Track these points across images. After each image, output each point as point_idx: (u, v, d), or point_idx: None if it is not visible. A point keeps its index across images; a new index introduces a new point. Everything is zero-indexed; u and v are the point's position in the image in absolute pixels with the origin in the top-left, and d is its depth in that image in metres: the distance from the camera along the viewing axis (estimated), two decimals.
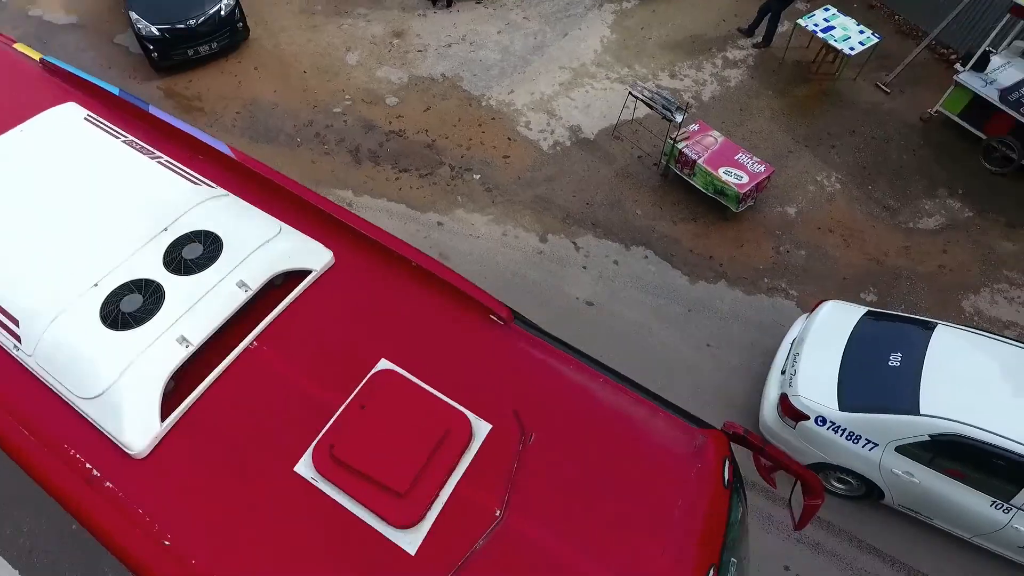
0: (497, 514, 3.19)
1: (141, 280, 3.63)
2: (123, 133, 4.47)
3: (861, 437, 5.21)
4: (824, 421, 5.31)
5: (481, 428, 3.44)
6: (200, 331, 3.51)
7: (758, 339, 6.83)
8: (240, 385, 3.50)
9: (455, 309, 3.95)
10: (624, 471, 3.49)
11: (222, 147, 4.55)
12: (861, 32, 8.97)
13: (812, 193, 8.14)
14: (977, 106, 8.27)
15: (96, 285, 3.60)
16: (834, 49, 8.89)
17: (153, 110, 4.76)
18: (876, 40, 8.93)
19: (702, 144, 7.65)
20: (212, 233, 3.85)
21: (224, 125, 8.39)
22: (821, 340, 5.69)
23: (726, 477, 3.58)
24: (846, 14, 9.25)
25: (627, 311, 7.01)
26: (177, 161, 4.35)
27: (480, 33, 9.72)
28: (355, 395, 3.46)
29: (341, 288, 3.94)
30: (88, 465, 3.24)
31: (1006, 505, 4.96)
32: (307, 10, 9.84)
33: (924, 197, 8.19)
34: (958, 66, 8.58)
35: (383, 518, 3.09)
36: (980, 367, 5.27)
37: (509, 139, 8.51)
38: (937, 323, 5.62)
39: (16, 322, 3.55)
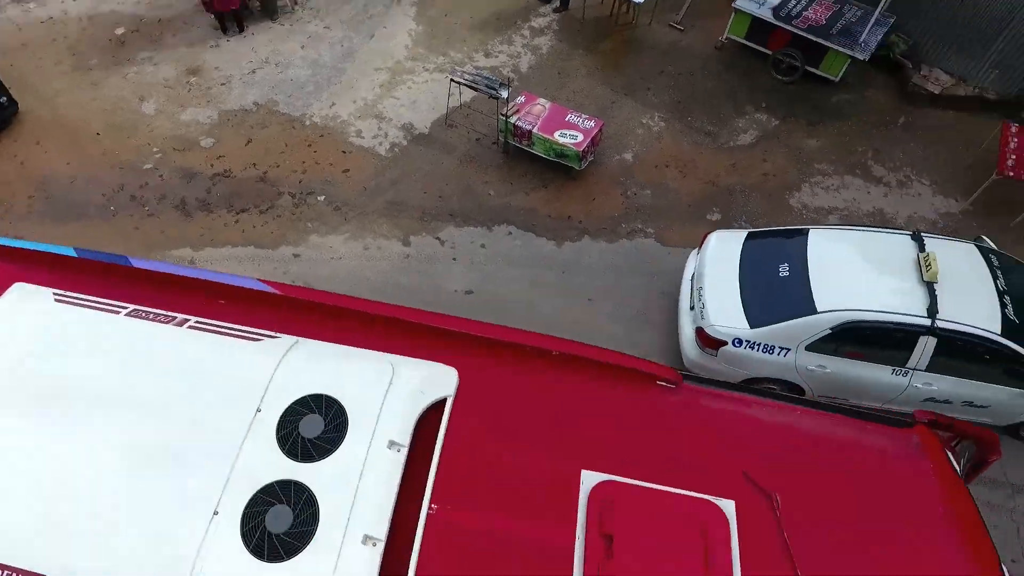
0: None
1: (271, 486, 2.75)
2: (119, 304, 3.38)
3: (774, 346, 5.60)
4: (740, 342, 5.65)
5: (727, 507, 3.02)
6: (381, 520, 2.74)
7: (631, 281, 7.18)
8: (445, 563, 2.77)
9: (619, 387, 3.43)
10: (877, 495, 3.23)
11: (252, 283, 3.62)
12: None
13: (642, 136, 8.63)
14: (757, 27, 9.14)
15: (217, 513, 2.69)
16: (625, 0, 9.42)
17: (137, 262, 3.66)
18: None
19: (532, 113, 7.85)
20: (321, 396, 3.01)
21: (18, 215, 7.40)
22: (717, 270, 6.02)
23: (956, 468, 3.44)
24: None
25: (506, 289, 7.09)
26: (207, 318, 3.35)
27: (283, 52, 9.28)
28: (586, 523, 2.89)
29: (483, 405, 3.24)
30: None
31: (903, 369, 5.56)
32: (81, 67, 8.87)
33: (736, 116, 8.95)
34: None
35: None
36: (852, 257, 5.81)
37: (344, 152, 8.24)
38: (808, 228, 6.12)
39: None
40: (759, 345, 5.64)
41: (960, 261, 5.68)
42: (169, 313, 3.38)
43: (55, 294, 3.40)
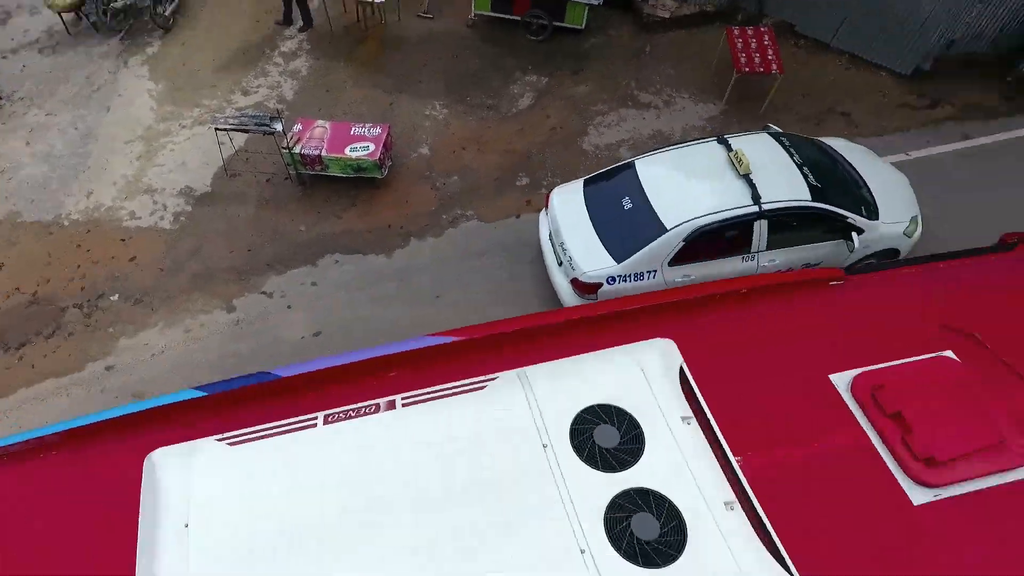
0: None
1: (614, 503, 2.78)
2: (298, 419, 3.08)
3: (643, 272, 6.01)
4: (614, 279, 6.01)
5: (952, 356, 3.44)
6: (723, 484, 3.00)
7: (470, 265, 7.24)
8: (783, 501, 3.04)
9: (802, 301, 3.84)
10: None
11: (426, 341, 3.44)
12: None
13: (430, 127, 8.67)
14: None
15: (584, 551, 2.69)
16: (366, 2, 9.33)
17: (284, 371, 3.26)
18: None
19: (315, 137, 7.54)
20: (592, 407, 3.07)
21: None
22: (570, 222, 6.33)
23: None
24: None
25: (352, 316, 6.81)
26: (405, 393, 3.19)
27: (4, 155, 8.02)
28: (866, 414, 3.23)
29: (705, 359, 3.56)
30: None
31: (750, 254, 6.19)
32: None
33: (508, 84, 9.29)
34: None
35: None
36: (678, 173, 6.31)
37: (123, 240, 7.35)
38: (633, 160, 6.55)
39: None
40: (630, 276, 6.05)
41: (761, 150, 6.44)
42: (367, 403, 3.16)
43: (221, 441, 3.01)
